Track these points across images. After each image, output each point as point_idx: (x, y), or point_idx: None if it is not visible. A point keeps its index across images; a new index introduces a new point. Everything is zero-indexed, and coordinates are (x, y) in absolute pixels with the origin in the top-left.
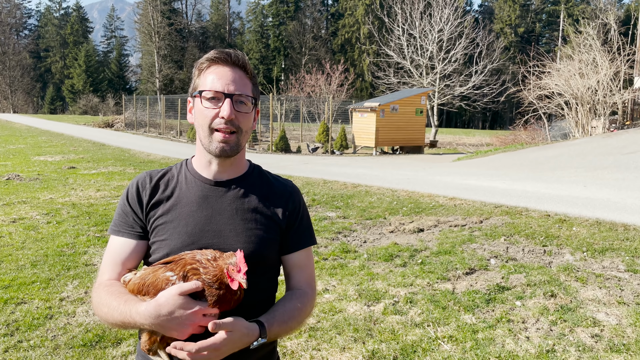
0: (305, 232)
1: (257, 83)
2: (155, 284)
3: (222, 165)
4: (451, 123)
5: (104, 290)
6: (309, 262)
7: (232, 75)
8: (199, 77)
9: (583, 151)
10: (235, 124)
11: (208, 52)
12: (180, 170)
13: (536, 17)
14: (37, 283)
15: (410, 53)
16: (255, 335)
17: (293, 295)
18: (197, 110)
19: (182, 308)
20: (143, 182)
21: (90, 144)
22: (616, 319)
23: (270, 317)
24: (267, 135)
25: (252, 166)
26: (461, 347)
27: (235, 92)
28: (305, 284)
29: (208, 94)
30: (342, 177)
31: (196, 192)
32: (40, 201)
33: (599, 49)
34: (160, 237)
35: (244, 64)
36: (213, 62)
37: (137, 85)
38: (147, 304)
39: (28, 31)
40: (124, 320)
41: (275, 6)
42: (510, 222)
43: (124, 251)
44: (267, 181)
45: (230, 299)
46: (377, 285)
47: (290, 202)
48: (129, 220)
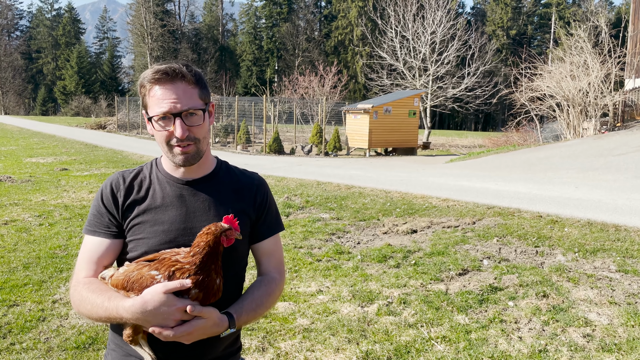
0: (273, 220)
1: (203, 84)
2: (141, 282)
3: (189, 168)
4: (444, 125)
5: (84, 287)
6: (277, 248)
7: (175, 92)
8: (145, 97)
9: (574, 153)
10: (191, 137)
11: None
12: (151, 170)
13: (528, 19)
14: (30, 285)
15: (403, 55)
16: (225, 325)
17: (262, 282)
18: (152, 130)
19: (166, 305)
20: (117, 183)
21: (82, 146)
22: (607, 318)
23: (239, 308)
24: (261, 137)
25: (220, 162)
26: (454, 347)
27: (183, 110)
28: (274, 269)
29: (158, 117)
30: (336, 178)
31: (170, 192)
32: (33, 203)
33: (590, 51)
34: (138, 236)
35: (182, 74)
36: (154, 82)
37: (130, 87)
38: (133, 300)
39: (20, 32)
40: (109, 316)
41: (269, 8)
42: (503, 223)
43: (100, 250)
44: (235, 176)
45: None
46: (371, 286)
47: (259, 195)
48: (104, 221)
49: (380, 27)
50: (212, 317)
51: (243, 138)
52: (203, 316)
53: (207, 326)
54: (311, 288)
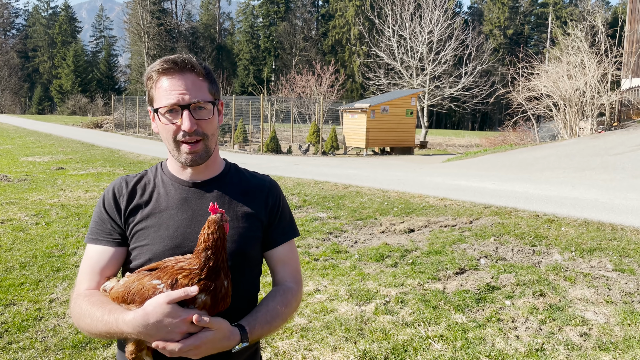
0: (287, 225)
1: (212, 79)
2: (142, 293)
3: (196, 170)
4: (441, 124)
5: (84, 300)
6: (293, 255)
7: (184, 82)
8: (152, 89)
9: (571, 152)
10: (199, 132)
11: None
12: (156, 173)
13: (525, 19)
14: (26, 284)
15: (400, 54)
16: (237, 339)
17: (278, 292)
18: (159, 125)
19: (170, 316)
20: (119, 188)
21: (79, 145)
22: (604, 317)
23: (252, 320)
24: (258, 136)
25: (229, 165)
26: (452, 346)
27: (192, 101)
28: (290, 278)
29: (164, 109)
30: (333, 177)
31: (175, 195)
32: (29, 202)
33: (586, 51)
34: (142, 243)
35: (192, 65)
36: (161, 73)
37: (127, 86)
38: (134, 313)
39: (16, 31)
40: (109, 331)
41: (266, 7)
42: (500, 223)
43: (102, 259)
44: (245, 178)
45: (220, 292)
46: (368, 286)
47: (270, 197)
48: (106, 228)
49: (377, 27)
50: (221, 328)
51: (240, 137)
52: (212, 327)
53: (217, 339)
54: (309, 287)
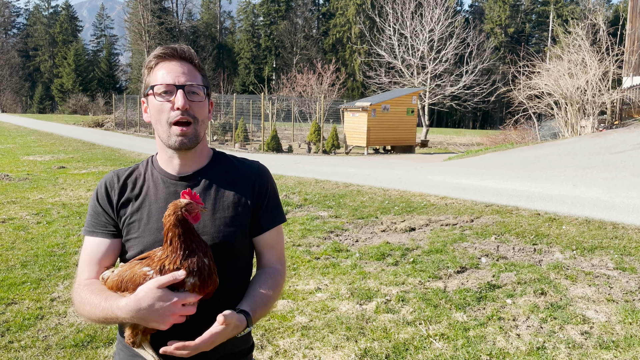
0: (273, 211)
1: (206, 75)
2: (134, 280)
3: (184, 159)
4: (442, 123)
5: (84, 289)
6: (280, 239)
7: (181, 68)
8: (149, 75)
9: (572, 150)
10: (190, 114)
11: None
12: (146, 167)
13: (526, 17)
14: (28, 283)
15: (401, 53)
16: (244, 325)
17: (267, 275)
18: (152, 106)
19: (161, 300)
20: (111, 182)
21: (80, 144)
22: (605, 316)
23: (252, 304)
24: (259, 134)
25: (216, 154)
26: (453, 344)
27: (187, 83)
28: (276, 261)
29: (160, 88)
30: (334, 176)
31: (163, 189)
32: (30, 201)
33: (587, 49)
34: (133, 235)
35: (190, 57)
36: (161, 58)
37: (128, 85)
38: (127, 299)
39: (16, 30)
40: (107, 316)
41: (266, 5)
42: (501, 221)
43: (99, 250)
44: (233, 166)
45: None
46: (369, 284)
47: (257, 183)
48: (101, 220)
49: (378, 25)
50: (234, 319)
51: (241, 136)
52: (229, 325)
53: (228, 330)
54: (309, 286)
